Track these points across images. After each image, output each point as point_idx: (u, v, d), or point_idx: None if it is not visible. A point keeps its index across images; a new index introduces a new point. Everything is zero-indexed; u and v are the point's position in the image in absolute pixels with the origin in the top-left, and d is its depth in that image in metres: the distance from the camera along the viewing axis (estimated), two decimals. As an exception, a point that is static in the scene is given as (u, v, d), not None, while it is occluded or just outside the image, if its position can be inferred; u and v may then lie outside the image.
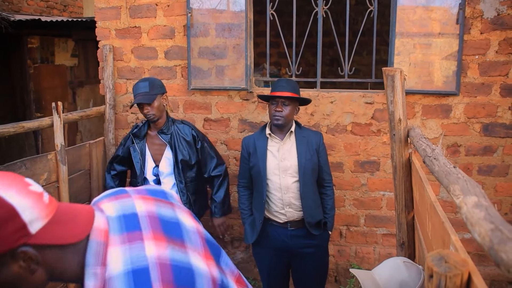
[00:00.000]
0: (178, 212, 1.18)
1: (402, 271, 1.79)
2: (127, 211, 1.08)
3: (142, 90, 2.98)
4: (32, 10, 7.60)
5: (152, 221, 1.07)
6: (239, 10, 3.55)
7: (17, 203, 0.87)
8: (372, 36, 3.47)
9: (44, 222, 0.91)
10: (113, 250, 0.98)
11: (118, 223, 1.04)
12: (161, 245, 1.03)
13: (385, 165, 3.53)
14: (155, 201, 1.15)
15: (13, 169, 2.96)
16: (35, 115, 6.03)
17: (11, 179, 0.91)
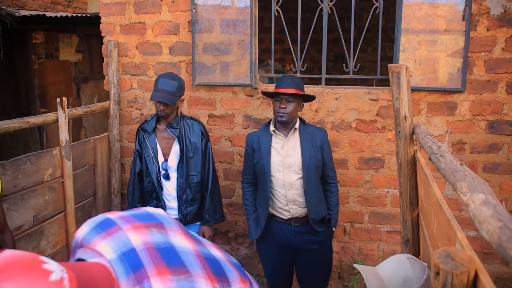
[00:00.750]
0: (171, 234, 1.15)
1: (406, 267, 1.77)
2: (125, 247, 1.04)
3: (169, 88, 2.89)
4: (36, 5, 7.60)
5: (151, 254, 1.05)
6: (244, 6, 3.54)
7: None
8: (377, 33, 3.45)
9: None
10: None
11: (121, 265, 1.00)
12: (167, 279, 1.02)
13: (389, 162, 3.52)
14: (147, 228, 1.12)
15: (18, 164, 2.97)
16: (40, 111, 6.04)
17: (31, 274, 0.79)
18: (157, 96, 2.89)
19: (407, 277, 1.73)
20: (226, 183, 3.86)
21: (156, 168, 3.06)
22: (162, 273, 1.02)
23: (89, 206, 3.82)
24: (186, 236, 1.19)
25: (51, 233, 3.31)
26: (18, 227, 3.00)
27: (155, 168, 3.06)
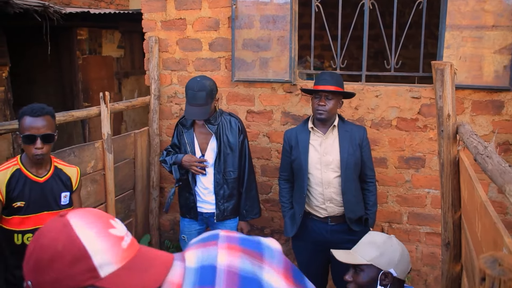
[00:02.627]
0: (266, 269, 1.04)
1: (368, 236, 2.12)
2: (207, 262, 1.00)
3: (199, 101, 2.87)
4: (81, 2, 7.83)
5: (229, 278, 0.98)
6: (283, 2, 3.53)
7: (91, 246, 0.87)
8: (418, 29, 3.36)
9: (116, 267, 0.89)
10: None
11: (194, 276, 0.97)
12: None
13: (431, 161, 3.43)
14: (241, 252, 1.04)
15: (62, 156, 3.07)
16: (83, 105, 6.22)
17: (95, 219, 0.92)
18: (189, 114, 2.92)
19: (368, 241, 2.06)
20: (263, 179, 3.86)
21: None
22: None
23: (128, 199, 3.91)
24: (286, 278, 1.07)
25: (93, 223, 3.40)
26: (61, 216, 3.10)
27: None
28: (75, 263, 0.86)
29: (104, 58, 6.73)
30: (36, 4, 4.45)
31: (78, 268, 0.86)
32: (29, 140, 2.27)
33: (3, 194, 2.26)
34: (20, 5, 4.13)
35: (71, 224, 0.88)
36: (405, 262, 2.03)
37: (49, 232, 0.89)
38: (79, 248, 0.86)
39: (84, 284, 0.86)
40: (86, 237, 0.87)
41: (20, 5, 4.12)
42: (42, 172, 2.42)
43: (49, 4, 4.61)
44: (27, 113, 2.28)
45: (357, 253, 2.02)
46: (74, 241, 0.86)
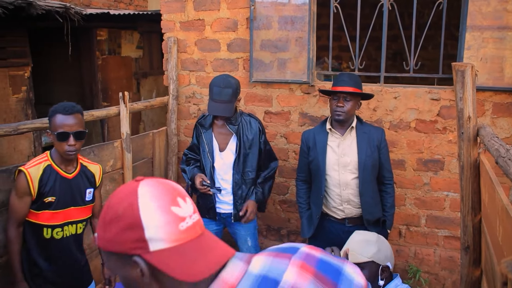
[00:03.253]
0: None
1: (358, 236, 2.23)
2: (272, 274, 0.92)
3: (224, 98, 2.87)
4: (101, 4, 7.94)
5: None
6: (302, 3, 3.52)
7: (147, 218, 0.86)
8: (438, 30, 3.33)
9: (167, 246, 0.87)
10: None
11: (251, 283, 0.90)
12: None
13: (450, 164, 3.39)
14: (315, 277, 0.94)
15: (82, 154, 3.11)
16: (102, 104, 6.31)
17: (163, 193, 0.91)
18: (213, 109, 2.92)
19: (363, 239, 2.16)
20: (280, 180, 3.87)
21: (210, 162, 3.10)
22: None
23: (146, 198, 3.94)
24: None
25: (111, 222, 3.44)
26: (81, 214, 3.15)
27: (209, 162, 3.10)
28: (128, 230, 0.86)
29: (123, 58, 6.81)
30: (57, 5, 4.52)
31: (129, 235, 0.86)
32: (62, 137, 2.31)
33: (35, 189, 2.31)
34: (43, 7, 4.21)
35: (138, 192, 0.89)
36: (393, 256, 2.20)
37: (119, 193, 0.91)
38: (135, 217, 0.86)
39: (132, 252, 0.87)
40: (146, 208, 0.87)
41: (42, 7, 4.20)
42: (71, 168, 2.48)
43: (70, 5, 4.68)
44: (59, 111, 2.33)
45: (356, 252, 2.11)
46: (133, 209, 0.87)
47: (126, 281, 0.92)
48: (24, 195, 2.29)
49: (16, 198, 2.30)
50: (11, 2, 3.95)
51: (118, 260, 0.90)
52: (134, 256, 0.87)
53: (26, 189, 2.28)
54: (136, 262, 0.86)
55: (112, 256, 0.90)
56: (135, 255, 0.87)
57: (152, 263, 0.86)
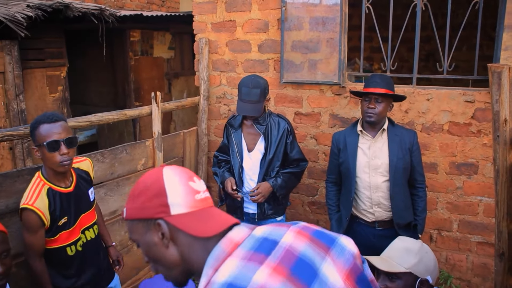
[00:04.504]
0: (329, 263, 1.07)
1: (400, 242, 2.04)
2: (271, 236, 1.08)
3: (253, 98, 2.90)
4: (134, 5, 8.09)
5: (286, 255, 1.04)
6: (333, 3, 3.51)
7: (170, 188, 1.08)
8: (474, 30, 3.25)
9: (185, 210, 1.07)
10: (230, 261, 1.01)
11: (253, 242, 1.06)
12: (276, 277, 0.98)
13: (484, 168, 3.31)
14: (310, 241, 1.09)
15: (115, 153, 3.19)
16: (134, 104, 6.43)
17: (183, 172, 1.13)
18: (242, 109, 2.94)
19: (404, 248, 1.99)
20: (309, 182, 3.86)
21: (238, 162, 3.12)
22: (277, 271, 1.00)
23: (176, 197, 4.00)
24: (347, 279, 1.08)
25: (142, 219, 3.51)
26: (112, 211, 3.22)
27: (238, 162, 3.12)
28: (154, 198, 1.07)
29: (155, 59, 6.93)
30: (93, 7, 4.64)
31: (155, 202, 1.07)
32: (52, 147, 2.14)
33: (48, 220, 2.20)
34: (79, 9, 4.33)
35: (163, 171, 1.11)
36: (436, 269, 2.01)
37: (147, 173, 1.13)
38: (160, 187, 1.08)
39: (156, 215, 1.06)
40: (169, 180, 1.09)
41: (79, 9, 4.32)
42: (68, 182, 2.35)
43: (105, 7, 4.80)
44: (42, 121, 2.17)
45: (394, 260, 1.97)
46: (159, 182, 1.08)
47: (148, 247, 1.10)
48: (39, 229, 2.18)
49: (30, 235, 2.18)
50: (49, 5, 4.08)
51: (143, 226, 1.09)
52: (157, 219, 1.06)
53: (39, 224, 2.17)
54: (159, 224, 1.06)
55: (137, 224, 1.10)
56: (159, 218, 1.06)
57: (172, 224, 1.06)
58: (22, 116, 4.46)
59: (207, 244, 1.06)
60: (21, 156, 4.43)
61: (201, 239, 1.06)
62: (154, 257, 1.11)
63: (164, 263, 1.10)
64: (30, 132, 2.22)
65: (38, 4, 4.09)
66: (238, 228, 1.10)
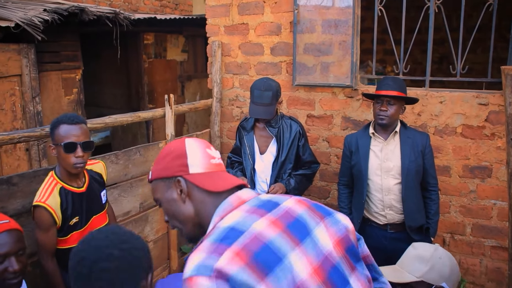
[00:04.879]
0: (322, 228, 1.21)
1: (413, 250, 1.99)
2: (274, 199, 1.25)
3: (265, 100, 2.91)
4: (147, 9, 8.18)
5: (285, 215, 1.19)
6: (345, 6, 3.51)
7: (190, 151, 1.27)
8: (487, 32, 3.23)
9: (201, 171, 1.26)
10: (236, 212, 1.18)
11: (258, 201, 1.22)
12: (272, 229, 1.13)
13: (498, 171, 3.28)
14: (308, 208, 1.25)
15: (129, 154, 3.22)
16: (148, 106, 6.49)
17: (201, 141, 1.33)
18: (254, 112, 2.96)
19: (415, 255, 1.94)
20: (321, 184, 3.86)
21: (250, 164, 3.14)
22: (275, 224, 1.15)
23: (189, 198, 4.03)
24: (338, 245, 1.20)
25: (154, 220, 3.55)
26: (126, 212, 3.26)
27: (250, 164, 3.14)
28: (176, 159, 1.26)
29: (168, 61, 6.99)
30: (108, 11, 4.70)
31: (177, 162, 1.26)
32: (69, 148, 2.18)
33: (60, 218, 2.22)
34: (94, 12, 4.39)
35: (185, 139, 1.32)
36: (455, 273, 1.93)
37: (172, 141, 1.32)
38: (182, 150, 1.27)
39: (177, 174, 1.25)
40: (190, 146, 1.28)
41: (94, 12, 4.38)
42: (80, 180, 2.37)
43: (120, 11, 4.86)
44: (64, 121, 2.21)
45: (405, 270, 1.93)
46: (181, 146, 1.28)
47: (168, 203, 1.26)
48: (50, 227, 2.20)
49: (42, 233, 2.20)
50: (65, 9, 4.15)
51: (165, 185, 1.26)
52: (177, 177, 1.24)
53: (51, 222, 2.19)
54: (179, 181, 1.24)
55: (160, 183, 1.27)
56: (179, 176, 1.24)
57: (190, 181, 1.24)
58: (38, 118, 4.53)
59: (217, 201, 1.22)
60: (37, 157, 4.50)
61: (213, 196, 1.23)
62: (173, 213, 1.26)
63: (180, 218, 1.26)
64: (50, 130, 2.26)
65: (54, 8, 4.16)
66: (246, 190, 1.27)
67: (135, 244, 1.21)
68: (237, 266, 1.03)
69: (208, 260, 1.04)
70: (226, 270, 1.02)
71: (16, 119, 4.36)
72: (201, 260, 1.05)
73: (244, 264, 1.04)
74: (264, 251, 1.08)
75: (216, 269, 1.02)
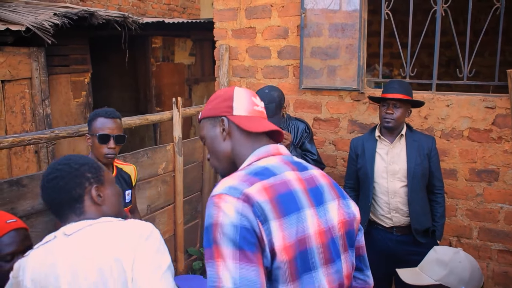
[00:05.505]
0: (334, 204, 1.34)
1: (433, 253, 2.00)
2: (304, 164, 1.41)
3: (269, 113, 2.84)
4: (155, 12, 8.23)
5: (310, 180, 1.34)
6: (352, 10, 3.53)
7: (236, 96, 1.41)
8: (495, 35, 3.23)
9: (244, 114, 1.39)
10: (272, 158, 1.33)
11: (291, 159, 1.38)
12: (298, 184, 1.28)
13: (505, 175, 3.27)
14: (329, 184, 1.39)
15: (137, 157, 3.26)
16: (155, 109, 6.53)
17: (249, 90, 1.47)
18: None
19: (435, 259, 1.95)
20: (327, 187, 3.86)
21: None
22: (300, 182, 1.31)
23: (196, 200, 4.06)
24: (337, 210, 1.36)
25: (161, 222, 3.58)
26: (134, 214, 3.29)
27: None
28: (224, 101, 1.40)
29: (176, 65, 7.03)
30: (116, 15, 4.75)
31: (223, 104, 1.40)
32: (103, 139, 2.35)
33: None
34: (103, 16, 4.45)
35: (234, 87, 1.45)
36: (476, 277, 1.92)
37: (223, 88, 1.37)
38: (229, 94, 1.41)
39: (222, 114, 1.39)
40: (237, 92, 1.42)
41: (103, 16, 4.44)
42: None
43: (128, 15, 4.91)
44: (101, 114, 2.39)
45: (424, 272, 1.94)
46: (229, 91, 1.43)
47: (211, 140, 1.41)
48: None
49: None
50: (75, 13, 4.20)
51: (211, 123, 1.41)
52: (222, 116, 1.38)
53: None
54: (223, 119, 1.38)
55: (208, 121, 1.42)
56: (223, 116, 1.38)
57: (232, 121, 1.37)
58: (47, 120, 4.59)
59: (255, 144, 1.36)
60: (45, 159, 4.55)
61: (251, 138, 1.37)
62: (213, 149, 1.41)
63: (218, 155, 1.40)
64: (88, 122, 2.45)
65: (64, 12, 4.22)
66: (283, 146, 1.41)
67: (77, 160, 1.51)
68: (263, 197, 1.18)
69: (239, 185, 1.19)
70: (253, 196, 1.16)
71: (26, 122, 4.41)
72: (232, 183, 1.20)
73: (269, 199, 1.19)
74: (288, 196, 1.23)
75: (245, 193, 1.17)
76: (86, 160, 1.53)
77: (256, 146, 1.36)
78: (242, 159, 1.36)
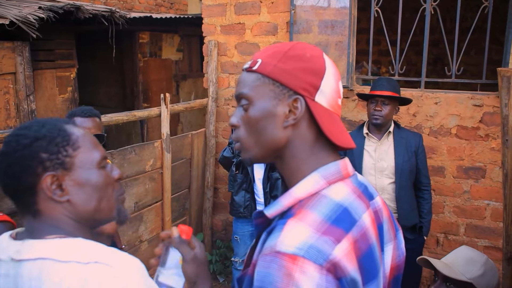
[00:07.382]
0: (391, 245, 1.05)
1: (466, 251, 1.92)
2: (370, 190, 1.04)
3: None
4: (142, 7, 8.15)
5: (377, 215, 1.00)
6: (342, 7, 3.52)
7: (328, 74, 0.95)
8: (482, 34, 3.26)
9: (325, 105, 0.94)
10: (343, 186, 0.93)
11: (358, 183, 0.99)
12: (373, 229, 0.94)
13: (492, 172, 3.30)
14: (388, 218, 1.07)
15: (124, 154, 3.22)
16: (142, 105, 6.47)
17: (337, 72, 1.01)
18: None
19: (469, 257, 1.86)
20: (315, 184, 3.86)
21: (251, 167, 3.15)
22: (370, 214, 0.97)
23: (184, 198, 4.03)
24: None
25: (149, 219, 3.54)
26: (121, 211, 3.25)
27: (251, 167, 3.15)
28: (309, 73, 0.92)
29: (163, 60, 6.97)
30: (103, 9, 4.68)
31: (308, 77, 0.92)
32: None
33: None
34: (90, 11, 4.37)
35: (324, 54, 0.98)
36: (499, 285, 1.90)
37: (307, 45, 0.97)
38: (321, 67, 0.94)
39: (299, 90, 0.92)
40: (329, 67, 0.95)
41: (89, 11, 4.36)
42: None
43: (115, 9, 4.84)
44: (77, 113, 2.26)
45: (456, 268, 1.86)
46: (321, 61, 0.95)
47: (259, 113, 0.93)
48: None
49: None
50: (61, 7, 4.13)
51: (274, 91, 0.93)
52: (299, 95, 0.92)
53: None
54: (297, 99, 0.92)
55: (269, 85, 0.93)
56: (300, 94, 0.92)
57: (310, 109, 0.92)
58: (32, 116, 4.51)
59: (322, 154, 0.95)
60: (30, 155, 4.47)
61: (320, 145, 0.95)
62: (260, 128, 0.94)
63: (264, 139, 0.94)
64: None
65: (49, 6, 4.14)
66: (347, 160, 1.00)
67: (35, 130, 0.97)
68: (352, 264, 0.83)
69: (323, 244, 0.81)
70: (343, 265, 0.81)
71: (10, 118, 4.33)
72: (312, 238, 0.81)
73: (357, 266, 0.84)
74: (370, 257, 0.89)
75: (332, 260, 0.80)
76: (49, 131, 0.97)
77: (322, 159, 0.95)
78: (299, 174, 0.94)
